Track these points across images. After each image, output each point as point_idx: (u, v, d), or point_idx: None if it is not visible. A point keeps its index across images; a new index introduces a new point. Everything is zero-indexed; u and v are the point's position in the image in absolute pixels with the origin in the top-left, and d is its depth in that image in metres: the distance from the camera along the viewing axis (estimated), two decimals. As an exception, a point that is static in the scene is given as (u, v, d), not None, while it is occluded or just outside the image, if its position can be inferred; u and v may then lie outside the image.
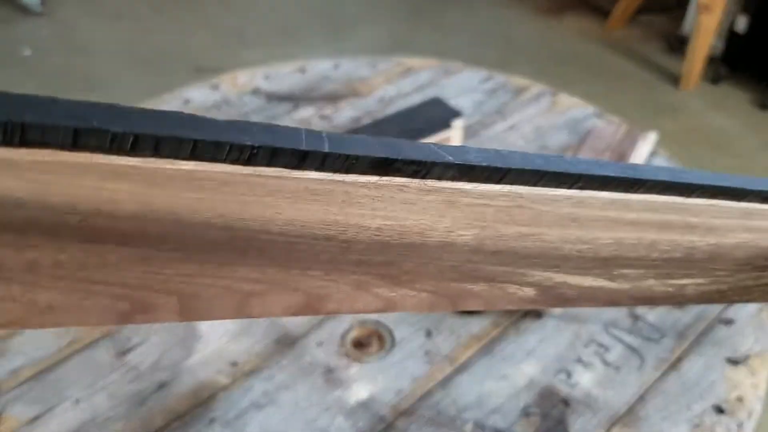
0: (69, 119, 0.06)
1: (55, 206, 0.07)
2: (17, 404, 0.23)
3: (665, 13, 1.18)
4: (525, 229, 0.10)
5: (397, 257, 0.09)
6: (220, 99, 0.40)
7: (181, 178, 0.07)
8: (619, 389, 0.24)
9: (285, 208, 0.08)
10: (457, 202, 0.09)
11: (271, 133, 0.07)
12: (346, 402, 0.23)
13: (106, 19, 1.17)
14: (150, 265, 0.08)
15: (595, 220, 0.10)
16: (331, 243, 0.08)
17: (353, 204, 0.08)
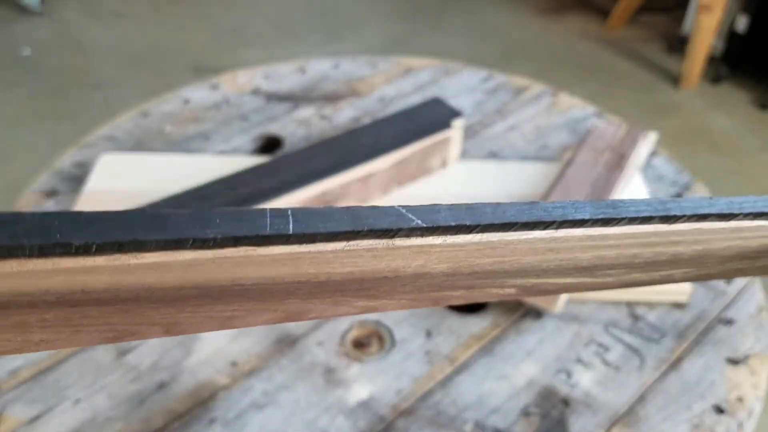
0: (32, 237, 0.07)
1: (30, 293, 0.08)
2: (17, 404, 0.23)
3: (665, 13, 1.18)
4: (500, 258, 0.10)
5: (373, 285, 0.10)
6: (219, 99, 0.40)
7: (146, 266, 0.08)
8: (619, 389, 0.24)
9: (254, 271, 0.08)
10: (428, 251, 0.09)
11: (235, 222, 0.08)
12: (346, 402, 0.23)
13: (105, 19, 1.17)
14: (129, 314, 0.09)
15: (573, 248, 0.10)
16: (306, 285, 0.09)
17: (322, 263, 0.09)
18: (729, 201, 0.11)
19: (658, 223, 0.11)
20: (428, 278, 0.10)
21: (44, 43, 1.10)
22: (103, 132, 0.37)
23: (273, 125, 0.38)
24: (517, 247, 0.10)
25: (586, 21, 1.18)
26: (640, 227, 0.11)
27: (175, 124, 0.38)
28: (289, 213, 0.08)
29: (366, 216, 0.09)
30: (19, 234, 0.07)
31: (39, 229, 0.07)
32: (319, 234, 0.08)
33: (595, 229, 0.10)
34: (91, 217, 0.07)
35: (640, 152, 0.33)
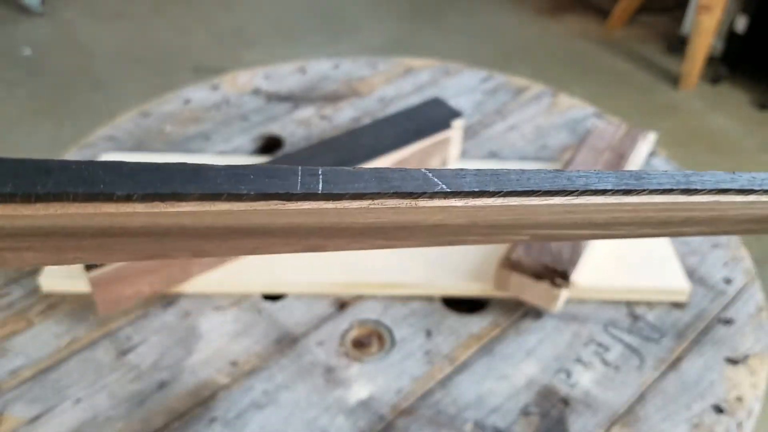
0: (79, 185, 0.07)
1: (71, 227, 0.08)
2: (17, 404, 0.23)
3: (665, 13, 1.18)
4: (518, 217, 0.11)
5: (392, 232, 0.10)
6: (220, 99, 0.40)
7: (182, 213, 0.08)
8: (619, 389, 0.24)
9: (282, 218, 0.09)
10: (450, 211, 0.10)
11: (267, 178, 0.08)
12: (347, 402, 0.23)
13: (106, 19, 1.18)
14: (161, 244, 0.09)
15: (590, 211, 0.11)
16: (328, 229, 0.10)
17: (346, 215, 0.09)
18: (751, 177, 0.12)
19: (678, 194, 0.11)
20: (446, 228, 0.10)
21: (45, 43, 1.10)
22: (104, 132, 0.37)
23: (273, 125, 0.38)
24: (537, 209, 0.10)
25: (585, 21, 1.18)
26: (659, 197, 0.11)
27: (176, 124, 0.38)
28: (320, 172, 0.09)
29: (393, 178, 0.09)
30: (63, 182, 0.07)
31: (84, 179, 0.07)
32: (346, 194, 0.09)
33: (615, 197, 0.10)
34: (133, 168, 0.08)
35: (639, 152, 0.33)
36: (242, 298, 0.27)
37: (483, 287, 0.27)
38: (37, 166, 0.07)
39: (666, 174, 0.11)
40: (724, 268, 0.29)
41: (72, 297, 0.27)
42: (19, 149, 0.86)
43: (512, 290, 0.26)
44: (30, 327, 0.25)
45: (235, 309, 0.26)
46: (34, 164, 0.07)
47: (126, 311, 0.26)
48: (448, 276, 0.27)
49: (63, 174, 0.07)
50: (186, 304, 0.26)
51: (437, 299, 0.27)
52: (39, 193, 0.07)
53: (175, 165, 0.08)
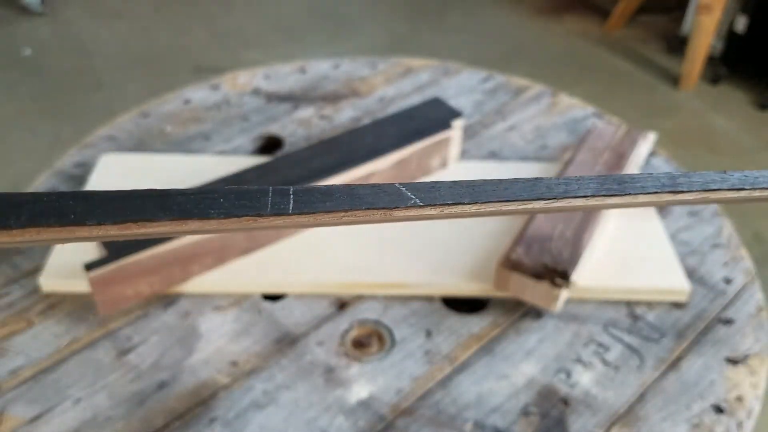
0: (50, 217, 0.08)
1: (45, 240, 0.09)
2: (18, 404, 0.23)
3: (665, 13, 1.18)
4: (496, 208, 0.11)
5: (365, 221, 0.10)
6: (220, 99, 0.40)
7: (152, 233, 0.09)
8: (619, 389, 0.24)
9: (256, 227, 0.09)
10: (426, 217, 0.10)
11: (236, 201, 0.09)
12: (347, 401, 0.23)
13: (106, 19, 1.17)
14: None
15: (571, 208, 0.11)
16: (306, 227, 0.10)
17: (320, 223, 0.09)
18: (742, 176, 0.12)
19: (665, 195, 0.11)
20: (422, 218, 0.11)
21: (45, 43, 1.10)
22: (104, 132, 0.37)
23: (273, 125, 0.38)
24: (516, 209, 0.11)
25: (585, 21, 1.18)
26: (644, 198, 0.11)
27: (176, 124, 0.38)
28: (291, 192, 0.09)
29: (364, 195, 0.09)
30: (36, 215, 0.08)
31: (56, 210, 0.08)
32: (318, 212, 0.09)
33: (597, 200, 0.11)
34: (102, 197, 0.08)
35: (639, 152, 0.33)
36: (242, 298, 0.27)
37: (483, 287, 0.27)
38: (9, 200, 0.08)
39: (651, 177, 0.11)
40: (724, 268, 0.29)
41: (72, 297, 0.27)
42: (19, 149, 0.86)
43: (512, 290, 0.26)
44: (30, 327, 0.25)
45: (235, 309, 0.26)
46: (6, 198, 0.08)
47: (126, 311, 0.26)
48: (448, 276, 0.27)
49: (35, 207, 0.08)
50: (186, 304, 0.26)
51: (437, 299, 0.27)
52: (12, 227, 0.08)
53: (145, 192, 0.08)
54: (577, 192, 0.10)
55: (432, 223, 0.30)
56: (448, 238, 0.29)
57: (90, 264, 0.24)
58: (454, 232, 0.29)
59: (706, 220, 0.32)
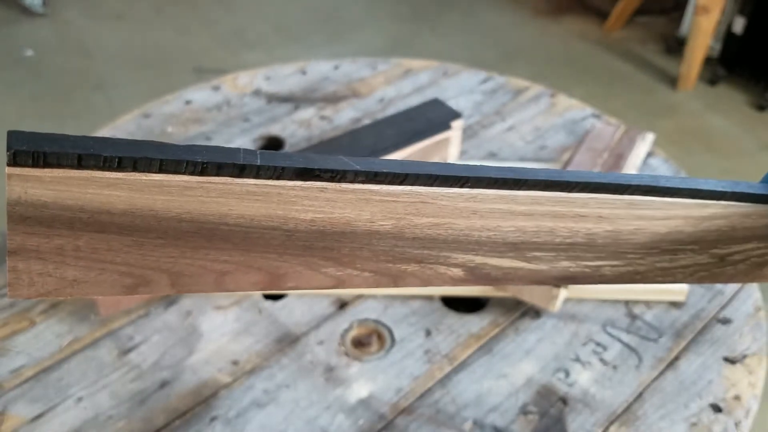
0: (75, 148, 0.09)
1: (69, 207, 0.10)
2: (19, 403, 0.23)
3: (663, 14, 1.19)
4: (434, 219, 0.12)
5: (335, 243, 0.11)
6: (221, 100, 0.40)
7: (153, 185, 0.10)
8: (617, 388, 0.24)
9: (234, 205, 0.10)
10: (370, 199, 0.11)
11: (217, 153, 0.10)
12: (347, 400, 0.23)
13: (107, 20, 1.18)
14: (143, 249, 0.11)
15: (492, 211, 0.12)
16: (277, 232, 0.11)
17: (287, 202, 0.10)
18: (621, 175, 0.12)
19: (557, 190, 0.12)
20: (380, 239, 0.12)
21: (46, 44, 1.11)
22: (105, 133, 0.37)
23: (274, 126, 0.38)
24: (443, 204, 0.11)
25: (584, 23, 1.19)
26: (542, 193, 0.12)
27: (177, 124, 0.38)
28: (258, 152, 0.10)
29: (317, 159, 0.11)
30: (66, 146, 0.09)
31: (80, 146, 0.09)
32: (279, 168, 0.10)
33: (505, 191, 0.12)
34: (117, 141, 0.10)
35: (637, 153, 0.33)
36: (243, 297, 0.27)
37: (482, 287, 0.27)
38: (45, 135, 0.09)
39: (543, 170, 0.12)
40: (722, 267, 0.29)
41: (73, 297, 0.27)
42: (19, 150, 0.86)
43: (511, 290, 0.26)
44: (32, 326, 0.26)
45: (236, 308, 0.27)
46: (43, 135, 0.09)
47: (127, 311, 0.26)
48: (447, 276, 0.27)
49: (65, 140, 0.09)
50: (187, 303, 0.27)
51: (437, 299, 0.27)
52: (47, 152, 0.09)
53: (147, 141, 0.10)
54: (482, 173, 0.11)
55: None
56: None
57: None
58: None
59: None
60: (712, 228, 0.13)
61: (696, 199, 0.13)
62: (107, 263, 0.10)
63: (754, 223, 0.14)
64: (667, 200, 0.12)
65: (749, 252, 0.14)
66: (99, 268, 0.10)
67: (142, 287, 0.11)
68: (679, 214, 0.13)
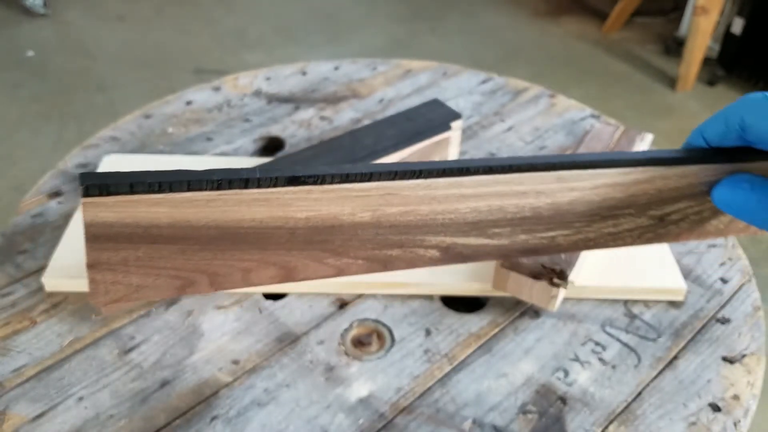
0: (128, 179, 0.13)
1: (128, 224, 0.13)
2: (20, 402, 0.23)
3: (662, 15, 1.19)
4: (402, 208, 0.14)
5: (328, 236, 0.14)
6: (221, 100, 0.40)
7: (185, 201, 0.13)
8: (616, 387, 0.24)
9: (246, 211, 0.13)
10: (348, 196, 0.14)
11: (227, 173, 0.13)
12: (347, 399, 0.23)
13: (108, 21, 1.18)
14: (185, 254, 0.13)
15: (447, 197, 0.14)
16: (282, 230, 0.14)
17: (285, 204, 0.13)
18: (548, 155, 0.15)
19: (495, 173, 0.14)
20: (363, 230, 0.14)
21: (48, 44, 1.11)
22: (107, 133, 0.37)
23: (274, 126, 0.38)
24: (406, 194, 0.14)
25: (583, 24, 1.19)
26: (484, 177, 0.14)
27: (178, 125, 0.38)
28: (257, 169, 0.13)
29: (301, 170, 0.13)
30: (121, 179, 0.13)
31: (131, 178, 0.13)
32: (274, 178, 0.13)
33: (452, 179, 0.14)
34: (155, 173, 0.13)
35: (636, 153, 0.33)
36: (244, 297, 0.27)
37: (482, 287, 0.27)
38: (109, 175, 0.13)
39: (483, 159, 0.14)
40: (721, 268, 0.29)
41: (75, 296, 0.27)
42: (23, 150, 0.86)
43: (510, 290, 0.26)
44: (33, 326, 0.26)
45: (237, 308, 0.27)
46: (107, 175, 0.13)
47: (128, 310, 0.26)
48: (447, 276, 0.27)
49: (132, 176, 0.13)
50: (188, 303, 0.27)
51: (437, 299, 0.27)
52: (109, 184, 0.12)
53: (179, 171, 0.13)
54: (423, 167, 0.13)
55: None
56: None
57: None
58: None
59: (702, 220, 0.32)
60: (640, 192, 0.15)
61: (615, 168, 0.14)
62: (161, 269, 0.13)
63: (677, 184, 0.15)
64: (590, 172, 0.14)
65: (684, 211, 0.16)
66: (155, 273, 0.13)
67: (189, 287, 0.14)
68: (606, 182, 0.14)
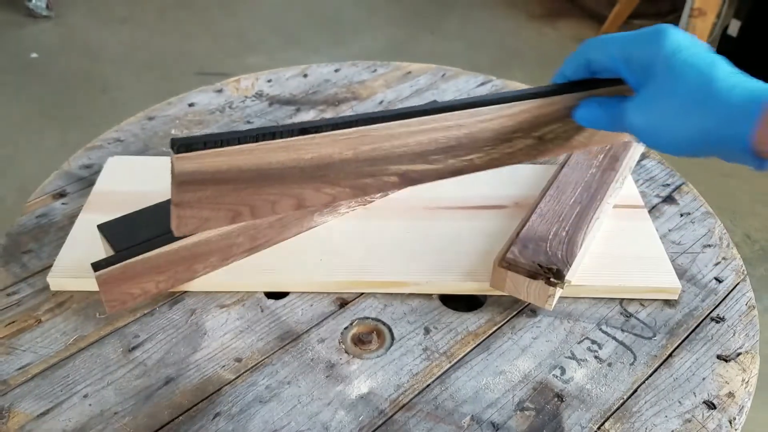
0: (201, 140, 0.18)
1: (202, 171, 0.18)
2: (26, 400, 0.23)
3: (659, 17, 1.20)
4: (372, 144, 0.20)
5: (326, 171, 0.20)
6: (223, 102, 0.41)
7: (235, 151, 0.18)
8: (612, 385, 0.24)
9: (273, 156, 0.19)
10: (337, 140, 0.19)
11: (261, 130, 0.19)
12: (347, 397, 0.23)
13: (112, 24, 1.19)
14: (236, 192, 0.19)
15: (400, 134, 0.20)
16: (295, 169, 0.19)
17: (297, 149, 0.19)
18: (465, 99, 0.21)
19: (431, 114, 0.20)
20: (349, 164, 0.20)
21: (51, 47, 1.11)
22: (110, 135, 0.38)
23: (275, 129, 0.39)
24: (374, 134, 0.20)
25: (579, 26, 1.20)
26: (424, 117, 0.20)
27: (181, 127, 0.39)
28: (280, 127, 0.19)
29: (306, 123, 0.19)
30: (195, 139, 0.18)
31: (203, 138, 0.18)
32: (291, 130, 0.19)
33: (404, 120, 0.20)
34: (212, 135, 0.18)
35: (632, 155, 0.34)
36: (246, 296, 0.27)
37: (480, 286, 0.27)
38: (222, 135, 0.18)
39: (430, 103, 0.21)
40: (716, 267, 0.30)
41: (80, 295, 0.27)
42: (27, 151, 0.87)
43: (508, 289, 0.26)
44: (38, 325, 0.26)
45: (239, 307, 0.27)
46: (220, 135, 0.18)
47: (133, 309, 0.27)
48: (446, 275, 0.27)
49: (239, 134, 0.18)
50: (191, 302, 0.27)
51: (436, 297, 0.28)
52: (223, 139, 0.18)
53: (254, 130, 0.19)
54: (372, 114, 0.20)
55: (431, 223, 0.31)
56: (446, 238, 0.30)
57: (97, 263, 0.24)
58: (453, 232, 0.30)
59: (697, 220, 0.33)
60: (523, 119, 0.21)
61: (506, 103, 0.21)
62: (221, 204, 0.19)
63: (548, 110, 0.21)
64: (492, 107, 0.21)
65: (556, 130, 0.22)
66: (217, 208, 0.19)
67: (237, 217, 0.19)
68: (502, 113, 0.21)
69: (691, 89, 0.17)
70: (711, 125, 0.17)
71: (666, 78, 0.18)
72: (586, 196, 0.30)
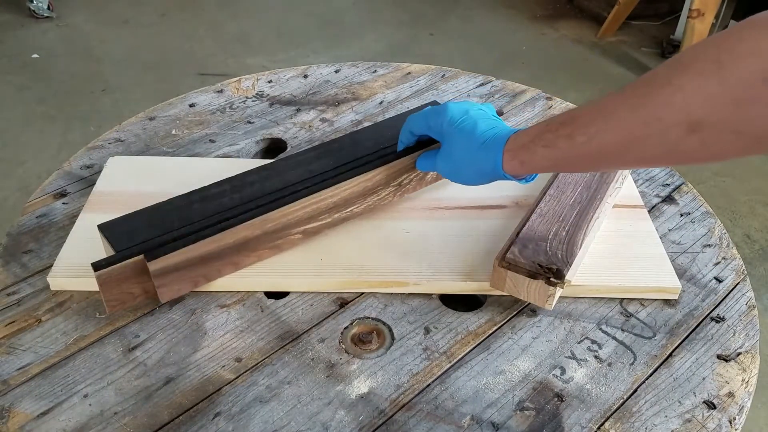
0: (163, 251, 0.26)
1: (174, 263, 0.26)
2: (26, 400, 0.23)
3: (658, 18, 1.20)
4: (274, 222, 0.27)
5: (247, 245, 0.27)
6: (224, 103, 0.41)
7: (193, 248, 0.26)
8: (612, 385, 0.24)
9: (211, 246, 0.27)
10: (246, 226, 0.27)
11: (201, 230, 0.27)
12: (347, 396, 0.23)
13: (113, 24, 1.19)
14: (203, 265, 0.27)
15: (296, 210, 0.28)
16: (226, 248, 0.27)
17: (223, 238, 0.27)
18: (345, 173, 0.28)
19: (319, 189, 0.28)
20: (261, 237, 0.27)
21: (53, 47, 1.11)
22: (112, 135, 0.38)
23: (276, 128, 0.39)
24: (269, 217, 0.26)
25: (579, 27, 1.20)
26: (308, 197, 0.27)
27: (182, 127, 0.39)
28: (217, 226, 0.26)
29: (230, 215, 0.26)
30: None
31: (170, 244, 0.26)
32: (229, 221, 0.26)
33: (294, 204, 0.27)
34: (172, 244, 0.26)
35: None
36: (246, 296, 0.27)
37: (480, 286, 0.27)
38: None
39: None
40: (715, 267, 0.30)
41: (80, 295, 0.27)
42: (28, 151, 0.86)
43: (508, 289, 0.26)
44: (38, 325, 0.26)
45: (240, 306, 0.27)
46: None
47: (133, 309, 0.27)
48: (446, 275, 0.27)
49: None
50: (192, 302, 0.27)
51: (436, 297, 0.28)
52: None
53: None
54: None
55: (431, 223, 0.31)
56: (446, 238, 0.30)
57: (97, 263, 0.24)
58: (453, 232, 0.30)
59: (697, 220, 0.33)
60: (383, 177, 0.29)
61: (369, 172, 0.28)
62: (184, 278, 0.25)
63: (400, 167, 0.29)
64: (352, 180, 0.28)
65: (409, 176, 0.30)
66: (183, 281, 0.26)
67: (198, 284, 0.26)
68: (368, 177, 0.28)
69: (463, 145, 0.25)
70: (479, 164, 0.25)
71: (449, 139, 0.26)
72: (586, 196, 0.30)
